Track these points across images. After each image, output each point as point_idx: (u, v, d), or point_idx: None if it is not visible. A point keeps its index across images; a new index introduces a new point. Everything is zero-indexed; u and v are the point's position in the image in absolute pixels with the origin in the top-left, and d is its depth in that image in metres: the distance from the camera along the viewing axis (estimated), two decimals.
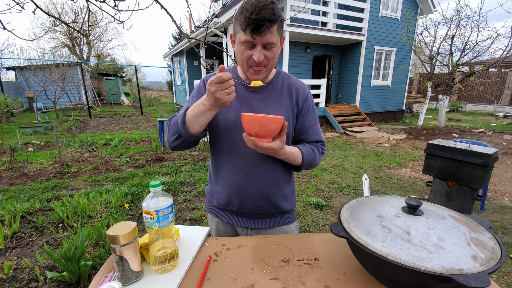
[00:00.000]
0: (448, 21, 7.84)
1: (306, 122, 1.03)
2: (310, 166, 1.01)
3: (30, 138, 6.60)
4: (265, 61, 0.87)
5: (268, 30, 0.81)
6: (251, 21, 0.78)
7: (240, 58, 0.89)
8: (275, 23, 0.82)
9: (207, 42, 1.94)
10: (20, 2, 1.45)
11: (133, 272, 0.71)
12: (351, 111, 9.25)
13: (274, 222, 1.07)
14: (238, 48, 0.88)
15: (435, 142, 2.80)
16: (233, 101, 0.98)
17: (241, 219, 1.06)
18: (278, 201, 1.04)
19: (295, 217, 1.15)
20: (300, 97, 1.01)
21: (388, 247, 0.60)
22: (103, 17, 2.22)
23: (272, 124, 0.79)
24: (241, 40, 0.85)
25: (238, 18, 0.83)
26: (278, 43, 0.87)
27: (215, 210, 1.11)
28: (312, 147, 1.02)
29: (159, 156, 4.98)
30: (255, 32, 0.80)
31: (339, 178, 4.10)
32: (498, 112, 12.81)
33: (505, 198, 3.46)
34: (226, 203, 1.04)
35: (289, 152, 0.92)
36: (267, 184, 1.00)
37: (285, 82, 1.02)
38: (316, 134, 1.05)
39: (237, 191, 1.00)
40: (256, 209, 1.02)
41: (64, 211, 2.69)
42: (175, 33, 26.00)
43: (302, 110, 1.02)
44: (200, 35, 8.14)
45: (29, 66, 12.52)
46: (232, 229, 1.11)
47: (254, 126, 0.79)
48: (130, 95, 23.57)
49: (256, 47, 0.84)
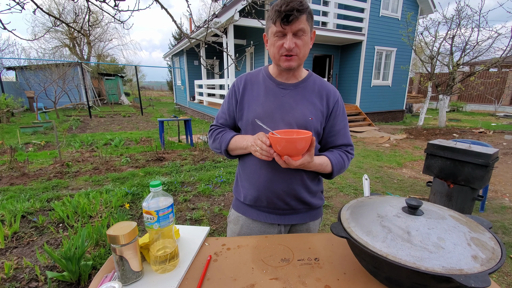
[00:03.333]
0: (449, 21, 7.83)
1: (336, 125, 1.05)
2: (340, 173, 1.04)
3: (30, 138, 6.60)
4: (296, 49, 0.90)
5: (296, 19, 0.86)
6: (281, 13, 0.85)
7: (272, 51, 0.94)
8: (304, 13, 0.86)
9: (207, 42, 1.94)
10: (20, 2, 1.45)
11: (133, 272, 0.71)
12: (351, 111, 9.24)
13: (303, 217, 1.09)
14: (271, 41, 0.93)
15: (435, 142, 2.79)
16: (263, 97, 1.01)
17: (269, 215, 1.07)
18: (306, 197, 1.05)
19: (322, 214, 1.17)
20: (331, 100, 1.03)
21: (389, 247, 0.60)
22: (103, 17, 2.22)
23: (301, 143, 0.81)
24: (273, 32, 0.91)
25: (269, 15, 0.90)
26: (308, 31, 0.91)
27: (243, 208, 1.11)
28: (341, 154, 1.04)
29: (159, 156, 4.98)
30: (285, 22, 0.86)
31: (339, 178, 4.10)
32: (498, 112, 12.80)
33: (506, 198, 3.45)
34: (255, 199, 1.05)
35: (318, 164, 0.95)
36: (295, 180, 1.01)
37: (317, 84, 1.04)
38: (345, 138, 1.06)
39: (266, 187, 1.01)
40: (284, 205, 1.03)
41: (64, 211, 2.69)
42: (175, 33, 26.03)
43: (333, 113, 1.03)
44: (200, 35, 8.13)
45: (30, 66, 12.53)
46: (258, 232, 1.10)
47: (284, 146, 0.81)
48: (130, 95, 23.60)
49: (287, 35, 0.89)
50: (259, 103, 1.00)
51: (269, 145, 0.84)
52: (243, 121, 1.03)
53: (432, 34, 8.15)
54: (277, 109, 0.98)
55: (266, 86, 1.02)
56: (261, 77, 1.05)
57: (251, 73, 1.09)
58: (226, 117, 1.09)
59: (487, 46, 7.56)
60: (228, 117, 1.09)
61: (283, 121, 0.97)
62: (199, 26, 8.57)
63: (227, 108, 1.09)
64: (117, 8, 1.66)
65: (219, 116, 1.12)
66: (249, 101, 1.02)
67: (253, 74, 1.08)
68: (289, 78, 1.02)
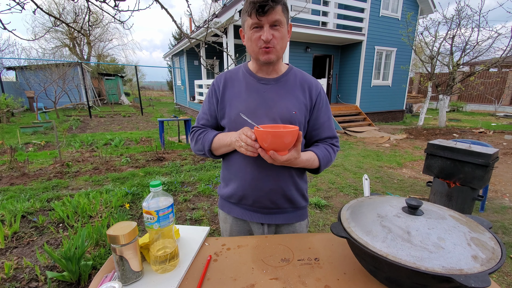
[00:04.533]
0: (449, 21, 7.83)
1: (320, 117, 1.03)
2: (327, 166, 1.03)
3: (30, 138, 6.60)
4: (274, 41, 0.89)
5: (272, 10, 0.85)
6: (255, 3, 0.84)
7: (250, 45, 0.93)
8: (279, 3, 0.86)
9: (207, 42, 1.94)
10: (20, 2, 1.45)
11: (133, 272, 0.71)
12: (351, 111, 9.24)
13: (289, 217, 1.06)
14: (248, 35, 0.92)
15: (435, 142, 2.79)
16: (245, 93, 0.99)
17: (255, 214, 1.04)
18: (293, 195, 1.03)
19: (307, 214, 1.14)
20: (313, 92, 1.02)
21: (389, 247, 0.60)
22: (103, 17, 2.22)
23: (287, 137, 0.79)
24: (249, 25, 0.90)
25: (245, 8, 0.90)
26: (285, 23, 0.91)
27: (228, 207, 1.10)
28: (327, 147, 1.03)
29: (159, 156, 4.98)
30: (260, 13, 0.85)
31: (340, 178, 4.10)
32: (498, 112, 12.80)
33: (506, 198, 3.45)
34: (240, 198, 1.03)
35: (305, 160, 0.93)
36: (283, 177, 0.99)
37: (298, 77, 1.03)
38: (330, 130, 1.05)
39: (252, 186, 0.99)
40: (271, 203, 1.01)
41: (64, 211, 2.69)
42: (175, 33, 26.03)
43: (316, 105, 1.02)
44: (200, 35, 8.14)
45: (30, 66, 12.52)
46: (246, 230, 1.10)
47: (271, 141, 0.78)
48: (130, 95, 23.60)
49: (264, 27, 0.88)
50: (241, 99, 0.98)
51: (255, 140, 0.82)
52: (226, 119, 1.01)
53: (432, 34, 8.15)
54: (260, 105, 0.97)
55: (247, 82, 1.00)
56: (241, 73, 1.03)
57: (230, 70, 1.07)
58: (208, 117, 1.06)
59: (487, 46, 7.56)
60: (209, 117, 1.06)
61: (267, 116, 0.96)
62: (199, 26, 8.57)
63: (208, 108, 1.06)
64: (117, 8, 1.66)
65: (199, 117, 1.09)
66: (231, 98, 1.00)
67: (232, 71, 1.06)
68: (269, 73, 1.00)
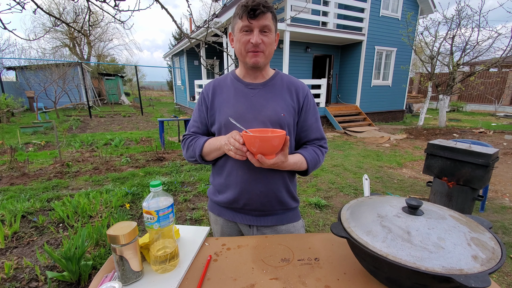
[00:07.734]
0: (449, 21, 7.83)
1: (308, 119, 1.05)
2: (315, 168, 1.04)
3: (30, 138, 6.60)
4: (262, 45, 0.92)
5: (263, 14, 0.89)
6: (247, 7, 0.88)
7: (238, 47, 0.95)
8: (269, 11, 0.90)
9: (207, 42, 1.94)
10: (20, 2, 1.45)
11: (133, 272, 0.71)
12: (351, 111, 9.24)
13: (279, 219, 1.07)
14: (237, 37, 0.94)
15: (435, 142, 2.79)
16: (233, 99, 1.01)
17: (245, 216, 1.05)
18: (284, 197, 1.04)
19: (300, 215, 1.15)
20: (300, 95, 1.03)
21: (389, 247, 0.60)
22: (103, 17, 2.22)
23: (275, 141, 0.80)
24: (239, 28, 0.92)
25: (236, 12, 0.92)
26: (273, 31, 0.94)
27: (218, 209, 1.11)
28: (315, 149, 1.03)
29: (159, 156, 4.98)
30: (252, 16, 0.88)
31: (340, 178, 4.10)
32: (498, 112, 12.79)
33: (506, 198, 3.45)
34: (230, 201, 1.04)
35: (293, 163, 0.94)
36: (273, 179, 1.00)
37: (285, 81, 1.05)
38: (318, 131, 1.06)
39: (242, 188, 1.00)
40: (261, 206, 1.02)
41: (64, 211, 2.69)
42: (175, 33, 26.02)
43: (304, 107, 1.03)
44: (200, 35, 8.14)
45: (30, 66, 12.53)
46: (237, 230, 1.11)
47: (258, 145, 0.80)
48: (130, 95, 23.60)
49: (253, 31, 0.90)
50: (230, 105, 1.00)
51: (243, 144, 0.83)
52: (216, 125, 1.02)
53: (432, 34, 8.15)
54: (249, 109, 0.98)
55: (235, 88, 1.02)
56: (229, 80, 1.06)
57: (218, 78, 1.10)
58: (198, 125, 1.09)
59: (487, 46, 7.56)
60: (200, 124, 1.08)
61: (256, 120, 0.97)
62: (199, 26, 8.57)
63: (198, 116, 1.08)
64: (117, 8, 1.66)
65: (190, 125, 1.11)
66: (220, 105, 1.02)
67: (220, 79, 1.09)
68: (256, 77, 1.02)
